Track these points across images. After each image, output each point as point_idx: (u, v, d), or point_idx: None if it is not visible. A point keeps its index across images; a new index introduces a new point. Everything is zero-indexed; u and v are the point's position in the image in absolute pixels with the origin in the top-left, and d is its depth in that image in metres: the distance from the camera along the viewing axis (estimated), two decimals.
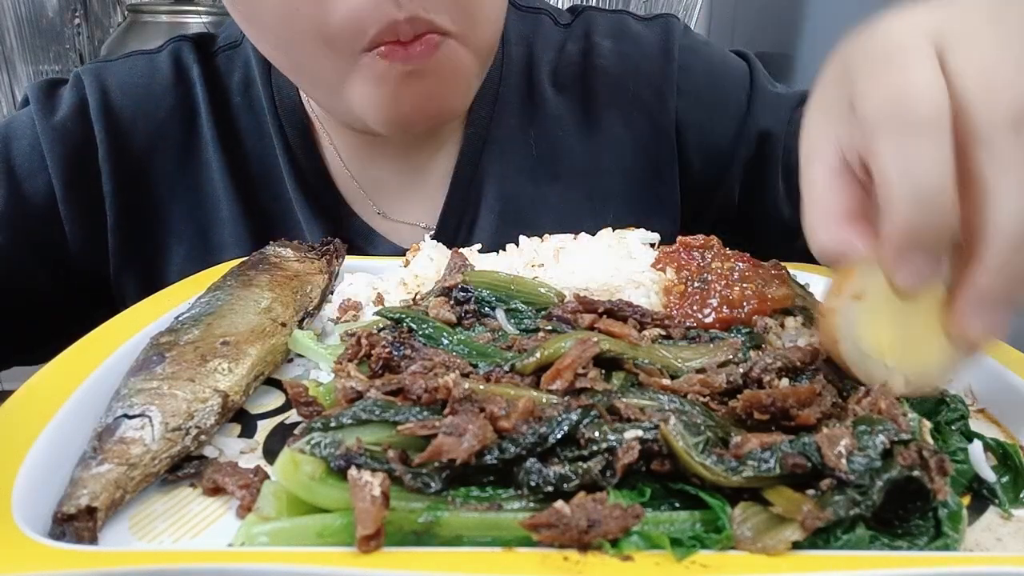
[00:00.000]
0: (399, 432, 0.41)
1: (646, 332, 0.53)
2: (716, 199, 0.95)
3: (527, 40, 0.93)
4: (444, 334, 0.54)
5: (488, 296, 0.58)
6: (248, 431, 0.53)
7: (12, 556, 0.36)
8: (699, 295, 0.58)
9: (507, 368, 0.48)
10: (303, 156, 0.88)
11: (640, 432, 0.41)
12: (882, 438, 0.41)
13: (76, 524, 0.40)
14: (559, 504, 0.38)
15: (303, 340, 0.59)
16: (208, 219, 0.89)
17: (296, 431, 0.43)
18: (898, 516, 0.40)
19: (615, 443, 0.40)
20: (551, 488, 0.39)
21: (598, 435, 0.41)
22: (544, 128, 0.91)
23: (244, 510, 0.44)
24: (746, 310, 0.57)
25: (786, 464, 0.40)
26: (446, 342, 0.53)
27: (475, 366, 0.49)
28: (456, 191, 0.89)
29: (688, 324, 0.56)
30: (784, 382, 0.47)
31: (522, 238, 0.73)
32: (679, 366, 0.50)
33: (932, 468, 0.40)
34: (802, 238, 0.47)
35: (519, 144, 0.90)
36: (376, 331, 0.53)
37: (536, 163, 0.91)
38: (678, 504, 0.41)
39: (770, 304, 0.57)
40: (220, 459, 0.49)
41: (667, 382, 0.48)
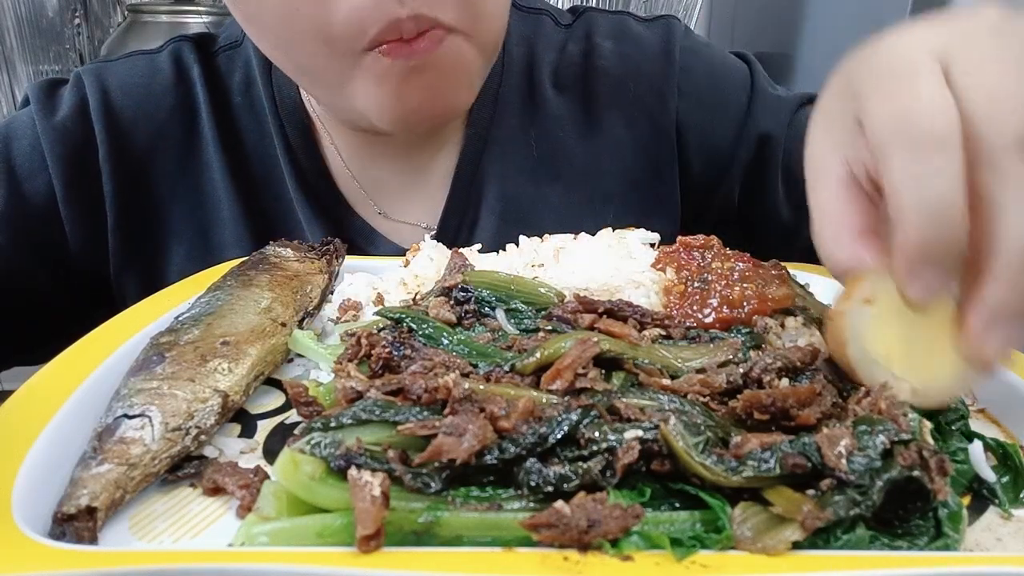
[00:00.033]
0: (399, 432, 0.41)
1: (646, 332, 0.53)
2: (716, 200, 0.95)
3: (528, 40, 0.93)
4: (444, 334, 0.54)
5: (488, 296, 0.58)
6: (248, 431, 0.53)
7: (12, 556, 0.36)
8: (699, 295, 0.58)
9: (507, 368, 0.48)
10: (304, 156, 0.88)
11: (640, 432, 0.41)
12: (882, 438, 0.41)
13: (76, 524, 0.40)
14: (559, 504, 0.38)
15: (303, 340, 0.59)
16: (208, 219, 0.89)
17: (296, 431, 0.43)
18: (898, 516, 0.40)
19: (615, 443, 0.40)
20: (551, 488, 0.39)
21: (598, 435, 0.41)
22: (545, 128, 0.91)
23: (244, 510, 0.44)
24: (746, 310, 0.57)
25: (786, 464, 0.40)
26: (446, 342, 0.53)
27: (475, 366, 0.49)
28: (457, 191, 0.89)
29: (688, 324, 0.56)
30: (784, 382, 0.47)
31: (522, 238, 0.73)
32: (679, 366, 0.50)
33: (932, 468, 0.40)
34: (802, 239, 0.47)
35: (520, 144, 0.90)
36: (376, 331, 0.53)
37: (537, 163, 0.91)
38: (678, 504, 0.41)
39: (770, 304, 0.57)
40: (220, 459, 0.49)
41: (667, 382, 0.48)
